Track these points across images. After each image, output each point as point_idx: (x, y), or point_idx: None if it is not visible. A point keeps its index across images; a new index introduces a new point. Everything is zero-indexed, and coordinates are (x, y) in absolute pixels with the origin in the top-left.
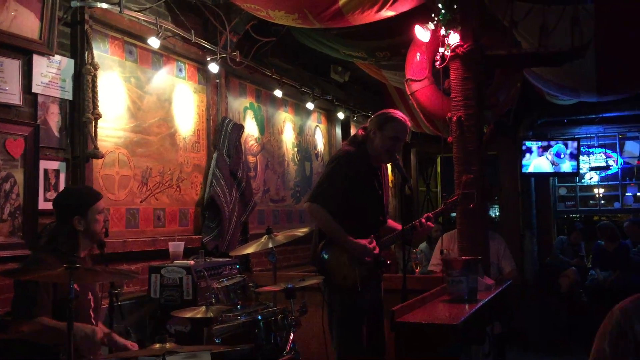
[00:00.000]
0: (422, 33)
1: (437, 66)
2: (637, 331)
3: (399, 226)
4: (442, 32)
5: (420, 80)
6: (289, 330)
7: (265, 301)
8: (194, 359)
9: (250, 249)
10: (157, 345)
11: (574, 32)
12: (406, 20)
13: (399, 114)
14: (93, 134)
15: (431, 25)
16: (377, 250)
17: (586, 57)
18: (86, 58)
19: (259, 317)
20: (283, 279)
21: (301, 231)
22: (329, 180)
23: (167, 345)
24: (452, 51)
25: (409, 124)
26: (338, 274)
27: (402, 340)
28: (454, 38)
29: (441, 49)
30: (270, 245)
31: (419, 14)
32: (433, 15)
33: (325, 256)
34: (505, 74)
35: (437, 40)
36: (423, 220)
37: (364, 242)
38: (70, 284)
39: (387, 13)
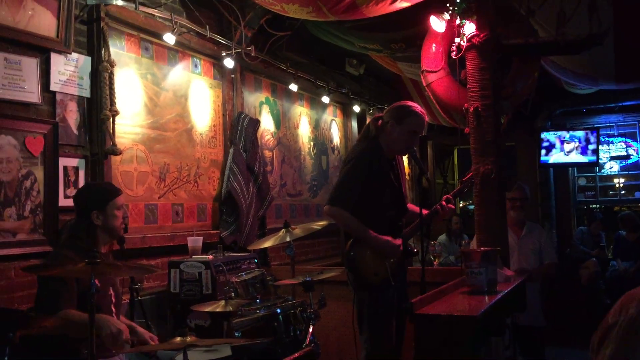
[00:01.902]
0: (437, 23)
1: (453, 57)
2: None
3: (418, 208)
4: (458, 22)
5: (436, 72)
6: (307, 323)
7: (284, 295)
8: (215, 352)
9: (268, 243)
10: (178, 338)
11: (592, 20)
12: (421, 11)
13: (417, 107)
14: (111, 131)
15: (446, 16)
16: (400, 242)
17: (604, 44)
18: (103, 55)
19: (278, 311)
20: (301, 272)
21: (319, 224)
22: (347, 182)
23: (188, 338)
24: (468, 41)
25: (426, 117)
26: (369, 270)
27: (421, 332)
28: (469, 28)
29: (457, 39)
30: (287, 239)
31: (434, 4)
32: (448, 5)
33: (354, 254)
34: (523, 63)
35: (452, 31)
36: (444, 203)
37: (388, 238)
38: (92, 279)
39: (402, 4)
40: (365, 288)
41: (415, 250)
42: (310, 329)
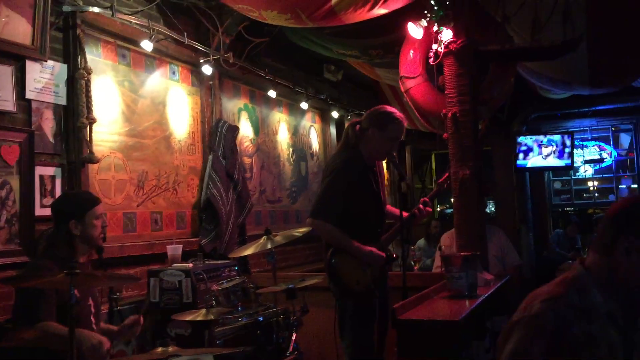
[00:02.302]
0: (415, 30)
1: (431, 63)
2: (575, 333)
3: (397, 210)
4: (435, 28)
5: (414, 78)
6: (290, 330)
7: (265, 302)
8: None
9: (249, 251)
10: (160, 349)
11: (566, 26)
12: (399, 18)
13: (397, 112)
14: (88, 139)
15: (424, 22)
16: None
17: (578, 50)
18: (79, 63)
19: (260, 319)
20: (283, 279)
21: (300, 231)
22: (328, 194)
23: (170, 348)
24: (445, 48)
25: (406, 122)
26: (351, 279)
27: (403, 337)
28: (447, 34)
29: (434, 46)
30: (269, 246)
31: (412, 11)
32: (426, 12)
33: (336, 263)
34: (499, 69)
35: (430, 37)
36: (421, 206)
37: (371, 248)
38: (71, 290)
39: (380, 11)
40: (348, 295)
41: (395, 256)
42: (294, 337)
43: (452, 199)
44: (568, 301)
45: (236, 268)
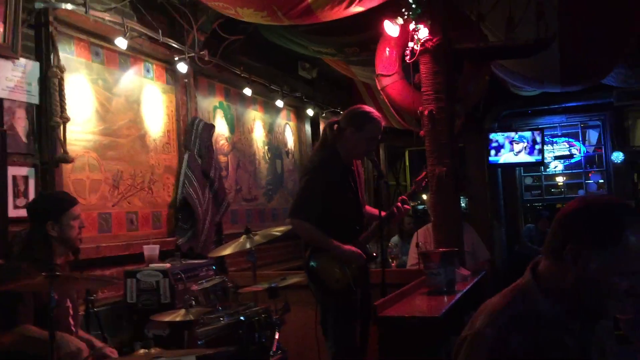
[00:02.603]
0: (391, 28)
1: (407, 61)
2: (518, 344)
3: (376, 211)
4: (412, 26)
5: (390, 75)
6: (273, 329)
7: (245, 301)
8: None
9: (228, 250)
10: (142, 350)
11: (539, 25)
12: (375, 16)
13: (375, 112)
14: (62, 138)
15: (400, 20)
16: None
17: (550, 49)
18: (52, 60)
19: (242, 318)
20: (263, 278)
21: (278, 230)
22: (306, 194)
23: (152, 350)
24: (421, 45)
25: (383, 122)
26: (330, 278)
27: (384, 333)
28: (423, 32)
29: (410, 44)
30: (248, 246)
31: (388, 9)
32: (403, 10)
33: (315, 263)
34: (474, 67)
35: (406, 35)
36: (399, 205)
37: (350, 247)
38: (51, 292)
39: (356, 9)
40: (329, 294)
41: (375, 254)
42: (277, 336)
43: (425, 196)
44: (510, 312)
45: (214, 268)
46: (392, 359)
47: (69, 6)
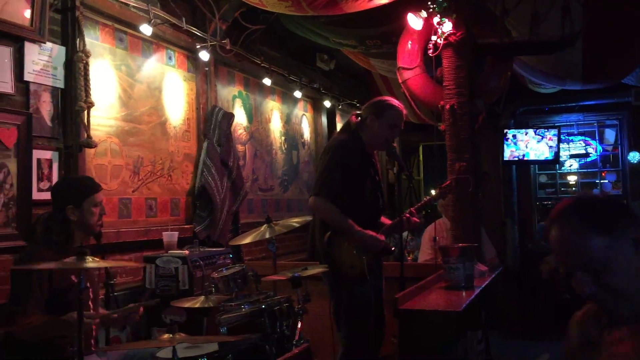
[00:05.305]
0: (414, 21)
1: (430, 54)
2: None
3: (389, 222)
4: (437, 20)
5: (412, 69)
6: (295, 318)
7: (264, 290)
8: (198, 348)
9: (248, 239)
10: (166, 335)
11: (565, 21)
12: (398, 8)
13: (395, 101)
14: (86, 123)
15: (424, 14)
16: (383, 237)
17: (574, 46)
18: (78, 45)
19: (264, 306)
20: (281, 268)
21: (297, 220)
22: (328, 170)
23: (177, 335)
24: (444, 39)
25: (405, 111)
26: (345, 264)
27: (404, 327)
28: (446, 26)
29: (433, 37)
30: (268, 235)
31: (411, 2)
32: (429, 3)
33: (332, 247)
34: (496, 62)
35: (429, 29)
36: (407, 216)
37: (371, 232)
38: (80, 274)
39: (380, 1)
40: (342, 281)
41: (392, 249)
42: (299, 325)
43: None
44: None
45: (231, 256)
46: (413, 351)
47: None
